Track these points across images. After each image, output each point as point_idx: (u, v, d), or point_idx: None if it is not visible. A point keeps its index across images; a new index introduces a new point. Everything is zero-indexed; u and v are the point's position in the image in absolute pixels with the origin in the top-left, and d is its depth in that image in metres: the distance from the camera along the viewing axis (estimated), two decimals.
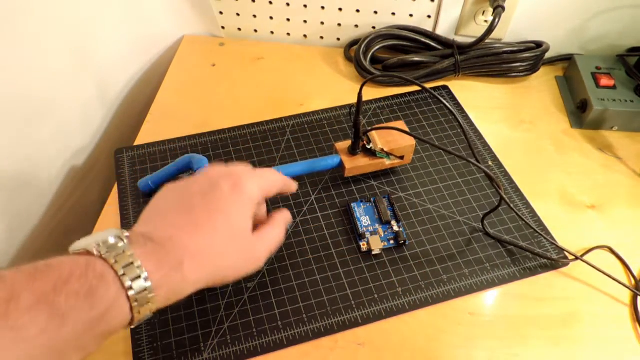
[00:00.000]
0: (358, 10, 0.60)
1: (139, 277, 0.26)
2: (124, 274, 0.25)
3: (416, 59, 0.57)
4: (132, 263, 0.26)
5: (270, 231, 0.36)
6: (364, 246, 0.43)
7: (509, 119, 0.55)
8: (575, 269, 0.42)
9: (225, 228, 0.31)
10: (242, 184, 0.33)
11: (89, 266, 0.25)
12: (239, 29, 0.65)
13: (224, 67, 0.62)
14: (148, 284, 0.26)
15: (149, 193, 0.47)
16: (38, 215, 0.48)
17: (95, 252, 0.26)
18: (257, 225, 0.35)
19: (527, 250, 0.43)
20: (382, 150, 0.45)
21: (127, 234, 0.28)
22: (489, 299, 0.41)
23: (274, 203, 0.47)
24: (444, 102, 0.36)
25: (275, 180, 0.37)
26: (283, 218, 0.38)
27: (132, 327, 0.27)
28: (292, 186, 0.40)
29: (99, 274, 0.25)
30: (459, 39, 0.60)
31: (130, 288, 0.25)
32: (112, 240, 0.27)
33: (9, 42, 0.41)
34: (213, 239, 0.31)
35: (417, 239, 0.44)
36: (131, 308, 0.26)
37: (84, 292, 0.24)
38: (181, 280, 0.29)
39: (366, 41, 0.58)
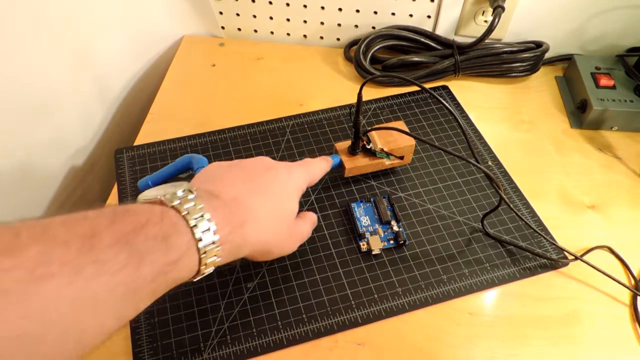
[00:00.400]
0: (358, 11, 0.60)
1: (209, 229, 0.27)
2: (195, 225, 0.27)
3: (416, 59, 0.57)
4: (202, 216, 0.27)
5: (303, 223, 0.39)
6: (363, 246, 0.43)
7: (508, 119, 0.55)
8: (575, 269, 0.42)
9: (282, 204, 0.34)
10: (293, 170, 0.37)
11: (164, 214, 0.26)
12: (239, 29, 0.65)
13: (224, 67, 0.62)
14: (216, 237, 0.27)
15: None
16: (38, 215, 0.48)
17: (171, 202, 0.27)
18: None
19: (526, 250, 0.43)
20: (382, 150, 0.45)
21: (195, 187, 0.29)
22: (489, 299, 0.41)
23: None
24: (444, 102, 0.36)
25: (318, 170, 0.40)
26: (313, 217, 0.41)
27: (196, 279, 0.29)
28: (329, 163, 0.43)
29: (173, 222, 0.26)
30: (459, 39, 0.60)
31: (200, 240, 0.27)
32: (181, 193, 0.28)
33: (9, 42, 0.41)
34: (272, 208, 0.33)
35: (417, 239, 0.44)
36: (199, 259, 0.27)
37: (160, 237, 0.25)
38: (242, 239, 0.30)
39: (366, 41, 0.58)
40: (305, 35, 0.65)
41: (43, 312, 0.20)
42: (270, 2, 0.61)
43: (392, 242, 0.43)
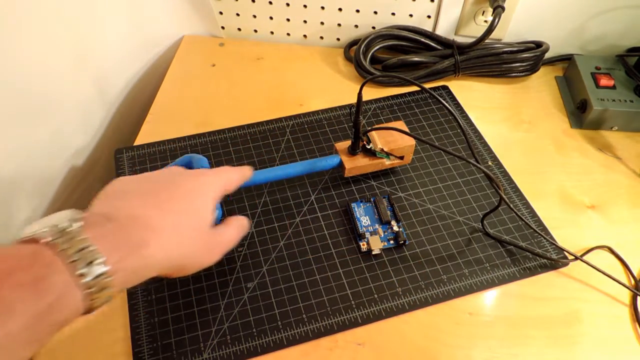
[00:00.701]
0: (358, 11, 0.60)
1: (93, 261, 0.24)
2: (75, 260, 0.24)
3: (416, 59, 0.57)
4: (85, 247, 0.24)
5: (226, 229, 0.36)
6: (363, 246, 0.43)
7: (508, 119, 0.55)
8: (575, 269, 0.42)
9: (190, 215, 0.32)
10: (204, 178, 0.34)
11: (36, 255, 0.24)
12: (239, 29, 0.65)
13: (223, 67, 0.62)
14: (105, 268, 0.25)
15: None
16: (38, 216, 0.48)
17: (45, 238, 0.24)
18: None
19: (526, 250, 0.43)
20: (382, 150, 0.45)
21: (83, 214, 0.27)
22: (489, 299, 0.41)
23: (276, 203, 0.47)
24: (443, 102, 0.36)
25: (232, 177, 0.38)
26: (238, 223, 0.38)
27: (91, 314, 0.26)
28: (247, 173, 0.40)
29: (47, 262, 0.24)
30: (459, 39, 0.60)
31: (83, 275, 0.24)
32: (65, 223, 0.25)
33: (9, 42, 0.41)
34: (179, 221, 0.31)
35: (417, 239, 0.44)
36: (86, 295, 0.24)
37: (29, 283, 0.23)
38: (142, 261, 0.27)
39: (366, 41, 0.58)
40: (305, 35, 0.65)
41: None
42: (270, 2, 0.61)
43: (392, 242, 0.43)
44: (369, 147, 0.44)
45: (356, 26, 0.62)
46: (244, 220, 0.38)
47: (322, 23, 0.62)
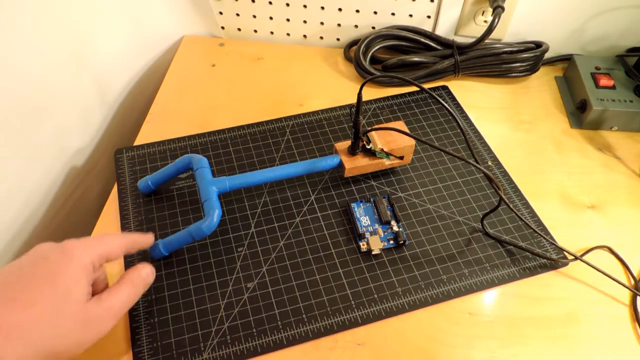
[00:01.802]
0: (358, 11, 0.60)
1: None
2: None
3: (416, 59, 0.57)
4: None
5: (114, 294, 0.33)
6: (363, 246, 0.43)
7: (508, 119, 0.55)
8: (575, 269, 0.42)
9: (49, 298, 0.29)
10: (70, 252, 0.31)
11: None
12: (239, 29, 0.65)
13: (223, 67, 0.62)
14: None
15: (149, 193, 0.47)
16: (38, 216, 0.48)
17: None
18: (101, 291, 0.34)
19: (526, 250, 0.43)
20: (382, 150, 0.45)
21: None
22: (489, 299, 0.41)
23: (276, 203, 0.47)
24: (443, 102, 0.36)
25: (115, 242, 0.35)
26: (134, 276, 0.35)
27: None
28: (146, 241, 0.38)
29: None
30: (459, 39, 0.60)
31: None
32: None
33: (8, 42, 0.41)
34: (33, 310, 0.28)
35: (417, 239, 0.44)
36: None
37: None
38: None
39: (366, 41, 0.58)
40: (305, 35, 0.65)
41: None
42: (270, 2, 0.61)
43: (392, 242, 0.43)
44: (368, 147, 0.44)
45: (356, 26, 0.62)
46: (142, 271, 0.35)
47: (322, 23, 0.62)
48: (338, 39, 0.64)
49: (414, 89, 0.58)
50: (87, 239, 0.33)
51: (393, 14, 0.60)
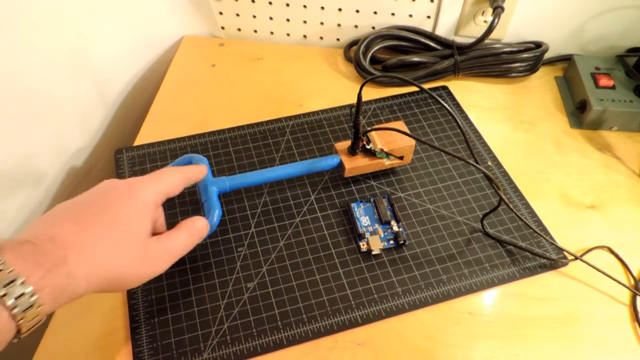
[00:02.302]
0: (358, 11, 0.60)
1: (13, 282, 0.25)
2: None
3: (416, 59, 0.57)
4: (2, 270, 0.25)
5: (173, 236, 0.35)
6: (363, 246, 0.43)
7: (508, 119, 0.55)
8: (575, 269, 0.42)
9: (116, 226, 0.31)
10: (136, 187, 0.33)
11: None
12: (239, 30, 0.65)
13: (223, 67, 0.62)
14: (26, 287, 0.25)
15: None
16: (38, 216, 0.48)
17: None
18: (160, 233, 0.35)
19: (526, 250, 0.43)
20: (382, 150, 0.45)
21: None
22: (489, 299, 0.41)
23: (276, 203, 0.47)
24: (443, 103, 0.36)
25: (175, 180, 0.36)
26: (190, 226, 0.36)
27: (24, 335, 0.26)
28: (200, 172, 0.39)
29: None
30: (459, 39, 0.60)
31: (5, 295, 0.24)
32: None
33: (8, 42, 0.41)
34: (101, 234, 0.30)
35: (417, 239, 0.44)
36: (13, 316, 0.25)
37: None
38: (67, 277, 0.27)
39: (366, 41, 0.58)
40: (305, 36, 0.65)
41: None
42: (270, 3, 0.61)
43: (392, 242, 0.43)
44: (368, 147, 0.44)
45: (356, 26, 0.62)
46: (198, 222, 0.37)
47: (322, 23, 0.62)
48: (338, 39, 0.64)
49: (414, 89, 0.58)
50: (150, 176, 0.35)
51: (393, 14, 0.60)
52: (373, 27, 0.62)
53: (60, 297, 0.27)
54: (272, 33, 0.65)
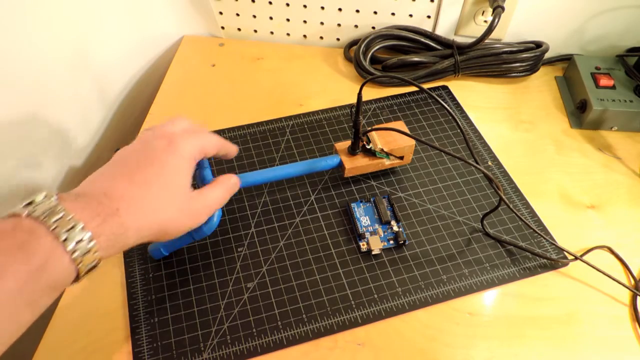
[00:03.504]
0: (358, 11, 0.60)
1: (74, 227, 0.26)
2: (55, 228, 0.26)
3: (416, 59, 0.57)
4: (63, 216, 0.26)
5: (211, 190, 0.36)
6: (363, 246, 0.43)
7: (508, 119, 0.55)
8: (575, 269, 0.42)
9: (160, 180, 0.32)
10: (176, 142, 0.34)
11: (16, 226, 0.25)
12: (239, 29, 0.65)
13: (223, 67, 0.62)
14: (85, 233, 0.26)
15: None
16: None
17: (24, 213, 0.26)
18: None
19: (526, 250, 0.43)
20: (382, 150, 0.45)
21: (56, 193, 0.28)
22: (489, 299, 0.41)
23: (276, 203, 0.47)
24: (442, 103, 0.36)
25: (212, 141, 0.38)
26: (226, 181, 0.38)
27: (80, 279, 0.28)
28: (232, 149, 0.41)
29: (28, 230, 0.25)
30: (459, 39, 0.60)
31: (66, 239, 0.26)
32: (39, 199, 0.27)
33: (8, 42, 0.41)
34: (148, 189, 0.31)
35: (417, 239, 0.44)
36: (73, 260, 0.26)
37: (15, 248, 0.24)
38: (120, 227, 0.29)
39: (366, 41, 0.58)
40: (305, 35, 0.65)
41: None
42: (270, 2, 0.61)
43: (392, 242, 0.43)
44: (368, 147, 0.44)
45: (356, 26, 0.62)
46: (232, 178, 0.39)
47: (322, 23, 0.62)
48: (338, 39, 0.64)
49: (414, 89, 0.58)
50: (189, 132, 0.36)
51: (393, 14, 0.60)
52: (373, 27, 0.62)
53: (113, 245, 0.29)
54: (272, 33, 0.65)
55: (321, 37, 0.64)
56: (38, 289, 0.25)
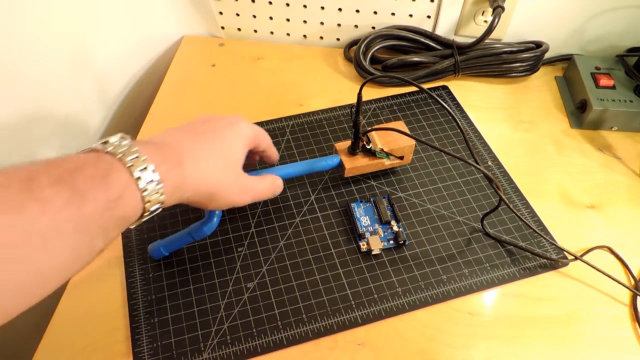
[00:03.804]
0: (358, 11, 0.60)
1: (146, 168, 0.28)
2: (131, 165, 0.27)
3: (416, 59, 0.57)
4: (137, 157, 0.28)
5: (260, 179, 0.39)
6: (363, 246, 0.43)
7: (508, 119, 0.55)
8: (575, 269, 0.42)
9: (220, 150, 0.35)
10: (238, 122, 0.38)
11: (100, 158, 0.27)
12: (239, 29, 0.65)
13: (223, 67, 0.62)
14: (155, 175, 0.28)
15: None
16: None
17: (104, 149, 0.28)
18: None
19: (526, 250, 0.43)
20: (382, 150, 0.45)
21: (129, 137, 0.30)
22: (489, 299, 0.41)
23: (276, 203, 0.47)
24: (442, 103, 0.36)
25: (266, 136, 0.41)
26: (274, 179, 0.41)
27: (143, 220, 0.30)
28: (275, 154, 0.43)
29: (109, 163, 0.27)
30: (459, 39, 0.60)
31: (139, 178, 0.27)
32: (114, 140, 0.29)
33: (8, 42, 0.41)
34: (210, 153, 0.34)
35: (417, 239, 0.44)
36: (142, 197, 0.28)
37: (99, 176, 0.26)
38: (182, 178, 0.31)
39: (366, 41, 0.58)
40: (305, 35, 0.65)
41: None
42: (270, 2, 0.61)
43: (392, 242, 0.43)
44: (368, 147, 0.44)
45: (356, 26, 0.62)
46: (279, 179, 0.41)
47: (322, 23, 0.62)
48: (338, 39, 0.64)
49: (414, 89, 0.58)
50: (249, 123, 0.39)
51: (393, 14, 0.60)
52: (373, 27, 0.62)
53: (173, 193, 0.30)
54: (272, 33, 0.65)
55: (321, 37, 0.64)
56: (112, 219, 0.26)
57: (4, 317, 0.23)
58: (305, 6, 0.60)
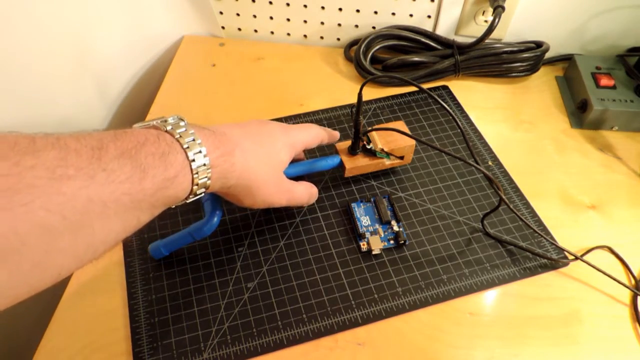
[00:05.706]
0: (358, 10, 0.60)
1: (200, 152, 0.29)
2: (188, 147, 0.28)
3: (416, 59, 0.57)
4: (194, 140, 0.29)
5: (298, 185, 0.41)
6: (364, 246, 0.43)
7: (509, 119, 0.55)
8: (575, 269, 0.42)
9: (267, 151, 0.36)
10: (289, 129, 0.40)
11: (160, 136, 0.28)
12: (239, 29, 0.65)
13: (224, 67, 0.62)
14: (207, 159, 0.29)
15: None
16: None
17: (164, 127, 0.29)
18: None
19: (527, 250, 0.43)
20: (382, 150, 0.45)
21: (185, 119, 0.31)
22: (489, 299, 0.41)
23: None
24: (442, 103, 0.36)
25: (318, 133, 0.43)
26: (310, 186, 0.42)
27: (189, 201, 0.30)
28: (335, 134, 0.46)
29: (169, 142, 0.28)
30: (459, 39, 0.60)
31: (193, 160, 0.28)
32: (172, 120, 0.30)
33: (8, 42, 0.41)
34: (258, 148, 0.35)
35: (417, 239, 0.44)
36: (192, 179, 0.29)
37: (159, 154, 0.27)
38: (230, 166, 0.32)
39: (366, 41, 0.58)
40: (305, 35, 0.65)
41: (62, 207, 0.22)
42: (270, 2, 0.61)
43: (392, 242, 0.43)
44: (369, 147, 0.44)
45: (356, 26, 0.62)
46: (314, 188, 0.43)
47: (322, 23, 0.62)
48: (338, 39, 0.64)
49: (414, 89, 0.58)
50: (301, 127, 0.42)
51: (393, 13, 0.60)
52: (373, 27, 0.62)
53: (218, 179, 0.31)
54: (272, 33, 0.65)
55: (321, 37, 0.64)
56: (163, 197, 0.27)
57: (57, 278, 0.23)
58: (305, 6, 0.60)
